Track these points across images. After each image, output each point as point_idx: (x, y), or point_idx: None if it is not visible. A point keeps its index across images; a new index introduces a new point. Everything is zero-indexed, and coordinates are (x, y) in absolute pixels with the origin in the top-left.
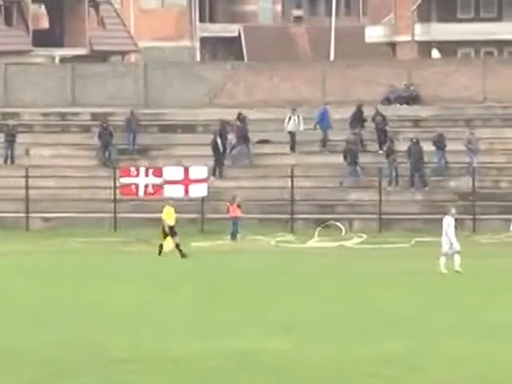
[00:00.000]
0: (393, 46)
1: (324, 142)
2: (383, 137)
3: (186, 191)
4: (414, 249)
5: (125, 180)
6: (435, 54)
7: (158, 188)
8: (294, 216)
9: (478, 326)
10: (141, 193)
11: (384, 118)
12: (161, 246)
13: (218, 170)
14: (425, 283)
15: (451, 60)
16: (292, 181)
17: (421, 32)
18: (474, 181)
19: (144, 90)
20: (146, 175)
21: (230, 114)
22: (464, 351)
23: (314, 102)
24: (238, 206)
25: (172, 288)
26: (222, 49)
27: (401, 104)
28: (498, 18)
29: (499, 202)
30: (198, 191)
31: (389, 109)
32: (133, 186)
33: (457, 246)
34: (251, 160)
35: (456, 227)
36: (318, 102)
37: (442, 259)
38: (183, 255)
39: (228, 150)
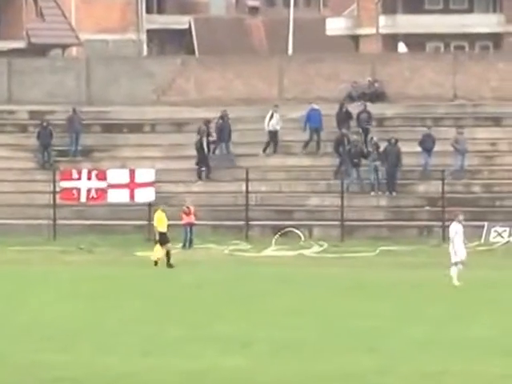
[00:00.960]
0: (356, 39)
1: (307, 143)
2: (367, 136)
3: (132, 196)
4: (379, 258)
5: (65, 184)
6: (401, 47)
7: (102, 192)
8: (250, 223)
9: (448, 342)
10: (83, 198)
11: (370, 116)
12: (168, 257)
13: (204, 172)
14: (390, 295)
15: (419, 54)
16: (247, 185)
17: (386, 24)
18: (443, 185)
19: (86, 86)
20: (89, 179)
21: (180, 113)
22: (431, 369)
23: (270, 100)
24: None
25: (116, 301)
26: (170, 42)
27: (364, 102)
28: (469, 10)
29: (471, 208)
30: (145, 196)
31: (351, 107)
32: (74, 191)
33: (462, 256)
34: (233, 161)
35: (464, 234)
36: (275, 100)
37: (453, 270)
38: (170, 265)
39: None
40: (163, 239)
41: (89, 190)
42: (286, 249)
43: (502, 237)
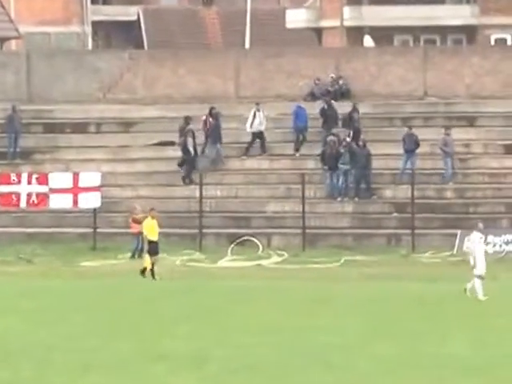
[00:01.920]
0: (318, 32)
1: (297, 143)
2: (359, 137)
3: (76, 201)
4: (343, 269)
5: (3, 188)
6: (368, 41)
7: (43, 198)
8: (204, 231)
9: (418, 360)
10: (22, 203)
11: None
12: (152, 270)
13: (185, 174)
14: (355, 309)
15: (386, 49)
16: (201, 189)
17: (351, 16)
18: (413, 190)
19: (26, 82)
20: (29, 183)
21: (128, 111)
22: None
23: (226, 98)
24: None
25: (58, 316)
26: (117, 35)
27: (327, 100)
28: (441, 1)
29: (443, 215)
30: (90, 201)
31: (314, 105)
32: (13, 196)
33: (482, 270)
34: (222, 162)
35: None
36: (231, 98)
37: (477, 283)
38: (154, 277)
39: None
40: (153, 249)
41: (29, 195)
42: (242, 259)
43: None
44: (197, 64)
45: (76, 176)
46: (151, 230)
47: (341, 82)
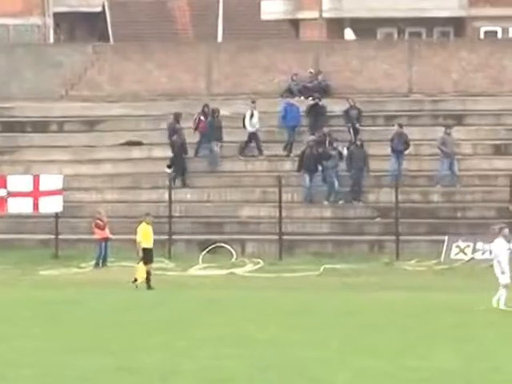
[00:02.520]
0: (296, 24)
1: (288, 144)
2: (356, 137)
3: (36, 206)
4: (323, 278)
5: None
6: (349, 34)
7: (1, 202)
8: (173, 237)
9: (400, 374)
10: None
11: (360, 112)
12: (148, 279)
13: (176, 176)
14: (335, 321)
15: (369, 42)
16: (170, 193)
17: (330, 7)
18: (397, 193)
19: None
20: None
21: (92, 109)
22: None
23: (196, 95)
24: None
25: (16, 329)
26: (81, 27)
27: (306, 97)
28: None
29: (429, 220)
30: (51, 206)
31: (293, 102)
32: None
33: (507, 278)
34: (217, 164)
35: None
36: (203, 94)
37: (503, 293)
38: (149, 287)
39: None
40: (149, 257)
41: None
42: (215, 267)
43: (464, 253)
44: (166, 58)
45: (36, 178)
46: (146, 236)
47: (320, 77)
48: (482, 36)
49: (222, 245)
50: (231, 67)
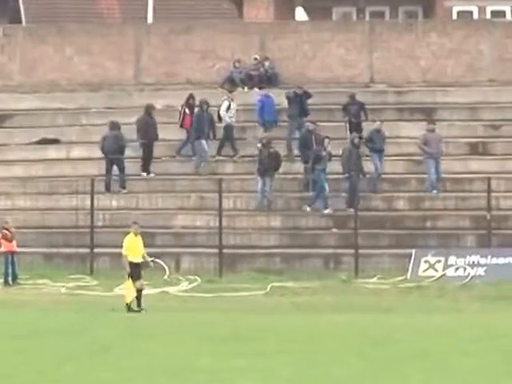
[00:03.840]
0: (239, 3)
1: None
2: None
3: None
4: (270, 298)
5: None
6: (300, 14)
7: None
8: (95, 250)
9: None
10: None
11: (363, 106)
12: (138, 298)
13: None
14: (284, 349)
15: (323, 24)
16: (92, 199)
17: None
18: (356, 199)
19: None
20: None
21: (2, 102)
22: None
23: (123, 85)
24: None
25: None
26: None
27: (250, 87)
28: None
29: (393, 231)
30: None
31: (234, 94)
32: None
33: None
34: (205, 163)
35: None
36: (130, 85)
37: None
38: (141, 307)
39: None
40: (137, 273)
41: None
42: (145, 285)
43: (434, 270)
44: (88, 43)
45: None
46: (134, 249)
47: (267, 64)
48: (454, 17)
49: (154, 259)
50: (163, 53)
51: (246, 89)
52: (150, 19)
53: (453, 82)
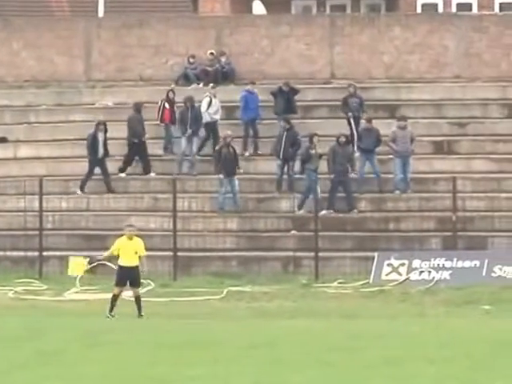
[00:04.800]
0: None
1: (254, 141)
2: (357, 130)
3: None
4: (226, 303)
5: None
6: (258, 7)
7: None
8: (44, 253)
9: None
10: None
11: (362, 101)
12: (138, 302)
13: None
14: (240, 356)
15: (282, 18)
16: (40, 200)
17: None
18: (316, 201)
19: None
20: None
21: None
22: None
23: (73, 81)
24: None
25: None
26: None
27: (206, 84)
28: None
29: (355, 233)
30: None
31: (187, 90)
32: None
33: None
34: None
35: None
36: (80, 81)
37: None
38: (140, 314)
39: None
40: (124, 278)
41: None
42: (95, 290)
43: (398, 273)
44: (35, 37)
45: None
46: (126, 253)
47: (223, 60)
48: (418, 10)
49: (105, 263)
50: (114, 48)
51: (201, 85)
52: (100, 12)
53: (417, 78)
